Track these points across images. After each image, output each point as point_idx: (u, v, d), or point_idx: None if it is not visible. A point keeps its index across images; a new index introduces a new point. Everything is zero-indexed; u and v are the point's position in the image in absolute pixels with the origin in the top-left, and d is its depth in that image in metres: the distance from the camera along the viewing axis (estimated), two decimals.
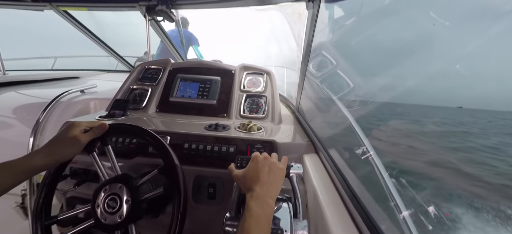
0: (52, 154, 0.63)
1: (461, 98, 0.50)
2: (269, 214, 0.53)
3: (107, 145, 0.75)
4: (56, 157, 0.64)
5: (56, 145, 0.65)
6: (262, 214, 0.52)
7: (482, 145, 0.51)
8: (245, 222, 0.50)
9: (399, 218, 0.53)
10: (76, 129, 0.67)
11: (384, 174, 0.63)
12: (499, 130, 0.48)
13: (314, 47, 1.06)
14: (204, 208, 0.91)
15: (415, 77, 0.65)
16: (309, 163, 0.86)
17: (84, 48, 2.15)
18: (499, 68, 0.43)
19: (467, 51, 0.49)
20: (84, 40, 1.92)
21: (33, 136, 1.18)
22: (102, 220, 0.65)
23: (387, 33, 0.84)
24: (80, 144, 0.66)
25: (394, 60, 0.75)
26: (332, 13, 1.14)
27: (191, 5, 1.43)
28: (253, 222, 0.50)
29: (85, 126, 0.69)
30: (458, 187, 0.50)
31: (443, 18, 0.56)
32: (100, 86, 1.67)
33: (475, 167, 0.49)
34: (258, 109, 1.24)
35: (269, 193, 0.56)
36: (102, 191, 0.67)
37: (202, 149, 0.90)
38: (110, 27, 2.04)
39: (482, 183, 0.46)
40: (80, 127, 0.68)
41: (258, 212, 0.51)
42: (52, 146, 0.65)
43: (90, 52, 2.01)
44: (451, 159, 0.54)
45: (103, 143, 0.74)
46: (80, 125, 0.69)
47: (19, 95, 1.50)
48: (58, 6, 1.55)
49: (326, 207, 0.62)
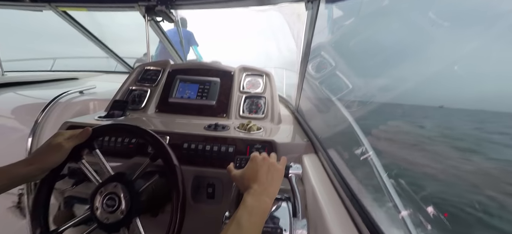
0: (36, 162, 0.63)
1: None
2: (264, 210, 0.53)
3: (94, 149, 0.74)
4: (39, 164, 0.63)
5: (40, 153, 0.65)
6: (256, 207, 0.52)
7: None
8: (238, 211, 0.50)
9: (398, 218, 0.53)
10: (60, 137, 0.67)
11: (383, 174, 0.64)
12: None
13: (314, 48, 1.07)
14: (203, 208, 0.91)
15: (414, 78, 0.66)
16: (308, 163, 0.86)
17: (83, 49, 2.15)
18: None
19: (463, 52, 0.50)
20: (84, 41, 1.92)
21: (31, 136, 1.18)
22: (104, 220, 0.65)
23: (386, 33, 0.85)
24: (64, 150, 0.66)
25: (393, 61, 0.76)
26: (331, 13, 1.14)
27: (191, 5, 1.44)
28: (245, 212, 0.50)
29: (70, 134, 0.69)
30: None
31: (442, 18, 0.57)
32: (99, 87, 1.67)
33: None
34: (257, 109, 1.24)
35: (267, 192, 0.56)
36: (97, 193, 0.67)
37: (201, 149, 0.90)
38: (109, 28, 2.04)
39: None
40: (64, 135, 0.68)
41: (252, 204, 0.52)
42: (35, 154, 0.64)
43: (89, 53, 2.01)
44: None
45: (89, 148, 0.73)
46: (64, 133, 0.69)
47: (18, 96, 1.49)
48: (57, 7, 1.55)
49: (325, 207, 0.62)
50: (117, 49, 2.07)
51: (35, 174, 0.64)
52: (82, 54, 1.97)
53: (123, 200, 0.66)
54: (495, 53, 0.43)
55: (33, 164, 0.62)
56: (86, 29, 1.84)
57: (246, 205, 0.51)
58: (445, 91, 0.53)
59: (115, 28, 2.04)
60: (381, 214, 0.54)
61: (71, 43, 1.78)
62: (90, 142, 0.72)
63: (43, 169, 0.65)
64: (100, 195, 0.67)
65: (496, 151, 0.47)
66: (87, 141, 0.71)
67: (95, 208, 0.66)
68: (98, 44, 1.95)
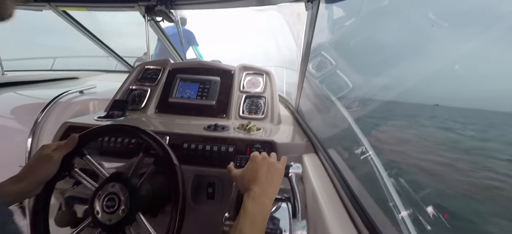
0: (27, 176, 0.61)
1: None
2: (265, 214, 0.54)
3: (84, 155, 0.73)
4: (32, 178, 0.61)
5: (31, 167, 0.62)
6: (257, 214, 0.52)
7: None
8: (240, 220, 0.50)
9: (397, 218, 0.53)
10: (47, 149, 0.65)
11: (383, 174, 0.64)
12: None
13: (314, 47, 1.07)
14: (203, 208, 0.91)
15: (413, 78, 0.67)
16: (308, 163, 0.86)
17: (83, 48, 2.15)
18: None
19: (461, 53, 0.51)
20: (83, 41, 1.91)
21: (31, 136, 1.18)
22: (107, 222, 0.65)
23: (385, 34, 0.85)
24: (54, 160, 0.64)
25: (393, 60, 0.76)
26: (331, 13, 1.14)
27: (191, 5, 1.43)
28: (247, 220, 0.50)
29: (56, 145, 0.68)
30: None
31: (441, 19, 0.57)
32: (99, 87, 1.67)
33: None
34: (257, 110, 1.24)
35: (266, 193, 0.56)
36: (96, 198, 0.66)
37: (201, 148, 0.90)
38: (109, 27, 2.04)
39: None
40: (50, 146, 0.67)
41: (253, 211, 0.52)
42: (25, 170, 0.62)
43: (89, 52, 2.01)
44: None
45: (79, 155, 0.72)
46: (50, 145, 0.67)
47: (18, 95, 1.49)
48: (57, 6, 1.55)
49: (325, 207, 0.62)
50: (112, 43, 2.05)
51: (30, 189, 0.62)
52: (82, 46, 1.95)
53: (122, 198, 0.66)
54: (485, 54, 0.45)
55: (25, 179, 0.60)
56: (86, 29, 1.84)
57: (247, 213, 0.51)
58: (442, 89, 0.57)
59: (108, 19, 2.03)
60: (380, 214, 0.54)
61: (71, 35, 1.77)
62: (78, 149, 0.71)
63: (37, 182, 0.63)
64: (99, 198, 0.66)
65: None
66: (76, 149, 0.69)
67: (96, 213, 0.65)
68: (98, 43, 1.94)
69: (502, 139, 0.57)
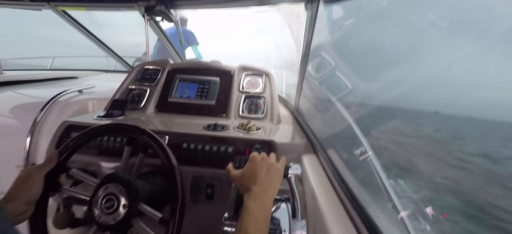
0: (16, 196, 0.58)
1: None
2: (267, 213, 0.54)
3: (69, 169, 0.71)
4: (22, 198, 0.59)
5: (17, 188, 0.60)
6: (259, 213, 0.52)
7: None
8: (243, 220, 0.50)
9: (397, 218, 0.53)
10: (27, 170, 0.63)
11: (382, 175, 0.64)
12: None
13: (313, 48, 1.07)
14: (202, 208, 0.90)
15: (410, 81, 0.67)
16: (307, 164, 0.86)
17: (82, 48, 2.14)
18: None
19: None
20: (83, 40, 1.91)
21: (30, 136, 1.17)
22: (110, 223, 0.64)
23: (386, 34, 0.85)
24: (37, 179, 0.63)
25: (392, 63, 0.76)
26: (330, 14, 1.14)
27: (191, 5, 1.43)
28: (251, 220, 0.50)
29: (37, 166, 0.66)
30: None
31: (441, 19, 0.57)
32: (99, 87, 1.67)
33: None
34: (257, 109, 1.24)
35: (267, 193, 0.56)
36: (93, 207, 0.66)
37: (200, 149, 0.90)
38: (108, 27, 2.04)
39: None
40: (30, 168, 0.65)
41: (256, 210, 0.52)
42: (11, 191, 0.60)
43: (88, 46, 2.00)
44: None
45: (63, 170, 0.70)
46: (30, 167, 0.66)
47: (17, 95, 1.49)
48: (56, 6, 1.55)
49: (325, 207, 0.62)
50: (108, 39, 2.04)
51: (23, 209, 0.59)
52: (81, 40, 1.94)
53: (119, 195, 0.65)
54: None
55: (15, 199, 0.58)
56: (86, 29, 1.84)
57: (249, 212, 0.51)
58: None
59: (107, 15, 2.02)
60: (379, 214, 0.54)
61: (70, 28, 1.76)
62: (62, 164, 0.69)
63: (29, 202, 0.61)
64: (95, 205, 0.65)
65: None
66: (58, 165, 0.68)
67: (97, 217, 0.64)
68: (97, 43, 1.94)
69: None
